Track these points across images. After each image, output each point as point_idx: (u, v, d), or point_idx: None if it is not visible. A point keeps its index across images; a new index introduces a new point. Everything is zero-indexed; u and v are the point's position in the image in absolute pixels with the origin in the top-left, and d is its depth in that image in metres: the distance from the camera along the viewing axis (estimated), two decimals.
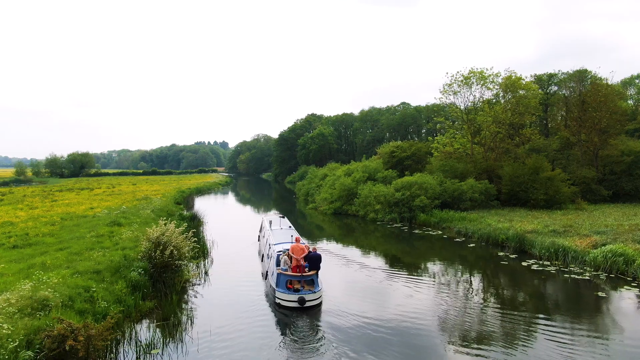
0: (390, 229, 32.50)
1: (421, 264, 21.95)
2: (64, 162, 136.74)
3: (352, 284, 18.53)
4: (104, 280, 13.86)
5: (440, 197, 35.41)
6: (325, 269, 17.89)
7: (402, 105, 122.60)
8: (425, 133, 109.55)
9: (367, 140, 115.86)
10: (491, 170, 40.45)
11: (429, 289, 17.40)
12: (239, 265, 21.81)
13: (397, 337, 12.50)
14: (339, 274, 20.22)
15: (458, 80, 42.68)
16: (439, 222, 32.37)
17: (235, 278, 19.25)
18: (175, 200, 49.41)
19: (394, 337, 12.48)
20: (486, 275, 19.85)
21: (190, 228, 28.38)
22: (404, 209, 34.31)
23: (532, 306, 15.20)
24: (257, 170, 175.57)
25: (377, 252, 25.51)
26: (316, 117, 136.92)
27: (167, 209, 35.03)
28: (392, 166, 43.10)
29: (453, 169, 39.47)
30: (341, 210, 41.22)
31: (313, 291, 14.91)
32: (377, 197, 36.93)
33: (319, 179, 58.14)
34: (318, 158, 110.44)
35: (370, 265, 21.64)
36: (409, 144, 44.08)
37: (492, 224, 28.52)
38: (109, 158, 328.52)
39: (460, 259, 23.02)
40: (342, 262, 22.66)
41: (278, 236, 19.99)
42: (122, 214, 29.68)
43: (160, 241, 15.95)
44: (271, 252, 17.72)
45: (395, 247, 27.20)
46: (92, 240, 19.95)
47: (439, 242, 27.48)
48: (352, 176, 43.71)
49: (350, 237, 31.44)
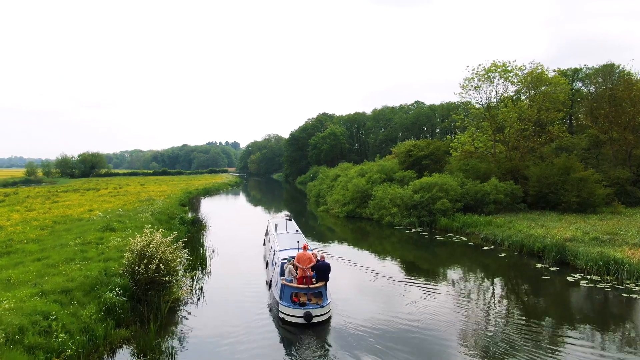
0: (408, 234, 29.81)
1: (446, 276, 19.29)
2: (74, 162, 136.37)
3: (366, 296, 16.37)
4: (72, 303, 11.52)
5: (461, 200, 32.62)
6: (336, 277, 16.01)
7: (415, 104, 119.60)
8: (439, 132, 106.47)
9: (379, 140, 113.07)
10: (516, 171, 37.47)
11: (456, 306, 14.84)
12: (240, 273, 19.54)
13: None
14: (351, 284, 18.01)
15: (479, 74, 39.78)
16: (462, 227, 29.59)
17: (235, 290, 17.00)
18: (180, 202, 47.26)
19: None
20: (525, 291, 17.08)
21: (191, 233, 26.29)
22: (423, 213, 31.58)
23: (590, 334, 12.49)
24: (268, 171, 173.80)
25: (394, 260, 22.95)
26: (327, 116, 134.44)
27: (168, 212, 32.81)
28: (409, 166, 40.37)
29: (475, 169, 36.61)
30: (354, 213, 38.61)
31: (321, 305, 13.32)
32: (393, 200, 34.26)
33: (330, 180, 55.58)
34: (329, 158, 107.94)
35: (387, 275, 19.33)
36: (426, 143, 41.29)
37: (522, 229, 25.69)
38: (122, 158, 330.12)
39: (491, 271, 20.28)
40: (355, 270, 20.36)
41: (283, 241, 18.22)
42: (118, 217, 27.50)
43: (145, 253, 13.57)
44: (276, 259, 16.11)
45: (414, 255, 24.54)
46: (74, 250, 17.69)
47: (464, 250, 24.73)
48: (366, 177, 41.06)
49: (364, 243, 28.86)
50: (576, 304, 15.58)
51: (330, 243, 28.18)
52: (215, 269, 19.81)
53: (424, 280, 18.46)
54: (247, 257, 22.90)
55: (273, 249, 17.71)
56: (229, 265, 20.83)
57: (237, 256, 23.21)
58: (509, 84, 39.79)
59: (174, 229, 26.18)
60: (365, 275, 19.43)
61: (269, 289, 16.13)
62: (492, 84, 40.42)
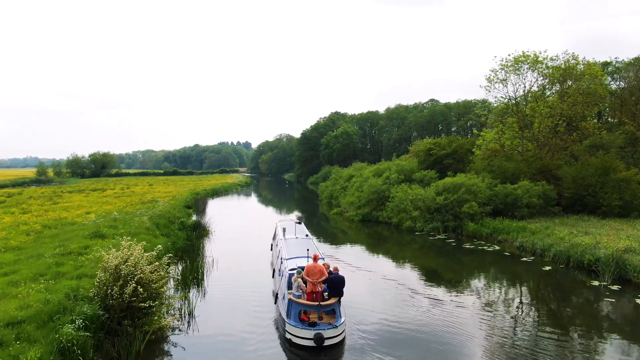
0: (431, 240, 26.83)
1: (481, 292, 16.33)
2: (85, 162, 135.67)
3: (385, 311, 14.16)
4: (18, 340, 8.93)
5: (490, 203, 29.55)
6: (351, 290, 13.97)
7: (430, 102, 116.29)
8: (455, 131, 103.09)
9: (393, 139, 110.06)
10: (547, 171, 34.21)
11: (502, 331, 12.04)
12: (244, 287, 17.03)
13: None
14: (367, 297, 15.65)
15: (506, 65, 36.57)
16: (492, 233, 26.55)
17: (235, 308, 14.56)
18: (185, 204, 44.86)
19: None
20: (585, 317, 14.04)
21: (190, 240, 23.74)
22: (448, 217, 28.57)
23: None
24: (279, 171, 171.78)
25: (416, 270, 20.17)
26: (340, 115, 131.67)
27: (169, 215, 30.26)
28: (429, 166, 37.35)
29: (502, 170, 33.44)
30: (370, 216, 35.70)
31: (334, 325, 11.60)
32: (414, 202, 31.31)
33: (344, 180, 52.72)
34: (342, 158, 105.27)
35: (410, 286, 16.92)
36: (448, 140, 38.22)
37: (564, 237, 22.59)
38: (134, 158, 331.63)
39: (537, 289, 17.29)
40: (372, 281, 17.91)
41: (292, 248, 16.34)
42: (112, 222, 25.07)
43: (120, 273, 10.96)
44: (283, 268, 14.41)
45: (440, 265, 21.56)
46: (49, 262, 15.17)
47: (499, 261, 21.69)
48: (383, 177, 38.12)
49: (381, 249, 25.98)
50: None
51: (343, 249, 25.43)
52: (213, 284, 17.12)
53: (455, 295, 15.69)
54: (252, 267, 20.27)
55: (280, 257, 15.94)
56: (230, 278, 18.16)
57: (241, 266, 20.55)
58: (539, 76, 36.46)
59: (172, 235, 23.64)
60: (384, 286, 17.07)
61: (275, 301, 14.22)
62: (520, 76, 37.24)
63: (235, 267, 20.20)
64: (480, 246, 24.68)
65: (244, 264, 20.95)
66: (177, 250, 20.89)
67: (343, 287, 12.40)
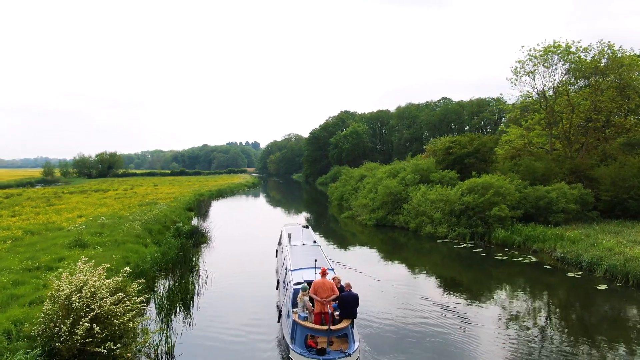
0: (457, 249, 23.83)
1: (527, 319, 13.42)
2: (92, 162, 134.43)
3: (404, 333, 12.16)
4: None
5: (519, 207, 26.54)
6: (366, 306, 12.43)
7: (442, 100, 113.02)
8: (468, 130, 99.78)
9: (404, 139, 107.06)
10: (579, 171, 31.10)
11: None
12: (241, 307, 14.42)
13: None
14: (384, 317, 13.25)
15: (536, 55, 33.48)
16: (525, 241, 23.55)
17: (230, 335, 11.99)
18: (187, 206, 42.37)
19: None
20: None
21: (184, 250, 21.09)
22: (475, 221, 25.58)
23: None
24: (287, 171, 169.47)
25: (442, 286, 17.42)
26: (349, 114, 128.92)
27: (165, 219, 27.65)
28: (449, 165, 34.35)
29: (530, 170, 30.38)
30: (385, 220, 32.78)
31: (346, 353, 9.83)
32: (435, 203, 28.34)
33: (355, 181, 49.84)
34: (351, 158, 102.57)
35: (434, 303, 14.52)
36: (469, 138, 35.17)
37: (612, 247, 19.57)
38: (143, 158, 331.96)
39: (598, 317, 14.26)
40: (390, 297, 15.44)
41: (298, 256, 14.62)
42: (100, 227, 22.54)
43: (72, 305, 8.30)
44: (287, 281, 12.73)
45: (470, 279, 18.57)
46: (4, 282, 12.58)
47: (540, 276, 18.61)
48: (398, 177, 35.18)
49: (398, 258, 23.04)
50: None
51: (355, 258, 22.68)
52: (205, 306, 14.32)
53: (496, 323, 12.80)
54: (253, 281, 17.58)
55: (285, 267, 14.24)
56: (226, 298, 15.42)
57: (240, 281, 17.81)
58: (570, 68, 33.27)
59: (164, 243, 20.99)
60: (403, 305, 14.40)
61: (279, 319, 12.39)
62: (549, 68, 34.13)
63: (234, 282, 17.47)
64: (514, 257, 21.65)
65: (244, 278, 18.22)
66: (167, 262, 18.21)
67: (357, 307, 10.65)
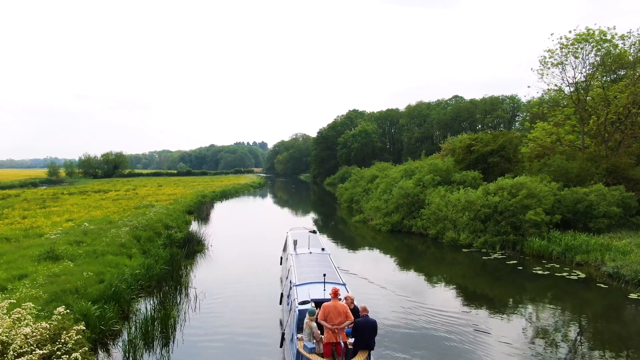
0: (485, 260, 20.90)
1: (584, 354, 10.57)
2: (97, 162, 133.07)
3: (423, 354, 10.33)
4: None
5: (554, 211, 23.57)
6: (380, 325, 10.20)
7: (454, 98, 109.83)
8: (480, 129, 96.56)
9: (415, 138, 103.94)
10: (618, 172, 28.04)
11: None
12: (236, 327, 12.02)
13: None
14: (400, 334, 11.33)
15: (566, 44, 30.41)
16: (565, 252, 20.58)
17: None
18: (187, 208, 39.86)
19: None
20: None
21: (175, 261, 18.46)
22: (505, 227, 22.63)
23: None
24: (295, 171, 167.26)
25: (469, 304, 14.45)
26: (358, 113, 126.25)
27: (159, 224, 25.03)
28: (470, 165, 31.42)
29: (563, 170, 27.38)
30: (401, 225, 29.90)
31: None
32: (457, 206, 25.44)
33: (366, 182, 46.99)
34: (360, 158, 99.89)
35: (461, 322, 12.05)
36: (492, 135, 32.17)
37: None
38: (150, 159, 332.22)
39: None
40: (405, 313, 13.02)
41: (304, 268, 12.72)
42: (83, 234, 20.00)
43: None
44: (292, 298, 10.93)
45: (506, 298, 15.60)
46: None
47: (594, 297, 15.64)
48: (414, 178, 32.29)
49: (415, 268, 20.21)
50: None
51: (367, 267, 19.84)
52: (192, 337, 11.64)
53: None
54: (254, 294, 15.00)
55: (289, 279, 12.54)
56: (218, 321, 12.74)
57: (239, 293, 15.14)
58: (603, 57, 30.17)
59: (152, 255, 18.32)
60: (424, 329, 11.81)
61: (282, 343, 10.61)
62: (578, 58, 31.04)
63: (230, 298, 14.73)
64: (556, 271, 18.71)
65: (242, 292, 15.49)
66: (151, 278, 15.52)
67: (374, 336, 8.92)
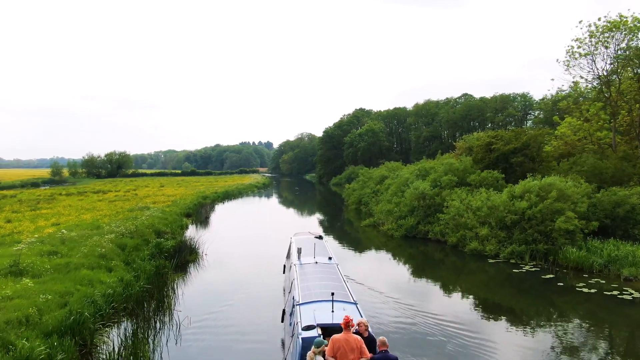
0: (516, 273, 18.39)
1: None
2: (101, 162, 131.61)
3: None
4: None
5: (590, 216, 20.99)
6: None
7: (463, 96, 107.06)
8: (490, 128, 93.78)
9: (423, 137, 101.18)
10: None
11: None
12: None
13: None
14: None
15: (597, 32, 27.78)
16: (607, 263, 18.01)
17: None
18: (186, 210, 37.62)
19: None
20: None
21: (160, 277, 16.10)
22: (534, 235, 20.10)
23: None
24: (300, 171, 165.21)
25: (508, 329, 11.87)
26: (364, 112, 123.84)
27: (150, 230, 22.64)
28: (490, 165, 28.88)
29: (596, 170, 24.79)
30: (416, 231, 27.41)
31: None
32: (478, 213, 22.93)
33: (374, 183, 44.50)
34: (367, 157, 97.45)
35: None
36: (514, 133, 29.62)
37: None
38: (156, 158, 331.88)
39: None
40: (425, 340, 9.86)
41: (309, 282, 10.93)
42: (60, 243, 17.74)
43: None
44: (294, 320, 8.93)
45: (559, 333, 13.04)
46: None
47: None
48: (429, 179, 29.77)
49: (432, 278, 17.73)
50: None
51: (378, 277, 17.37)
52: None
53: None
54: (252, 314, 12.55)
55: (292, 295, 10.75)
56: (206, 356, 10.38)
57: (234, 315, 12.76)
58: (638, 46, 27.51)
59: (136, 268, 15.96)
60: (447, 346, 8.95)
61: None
62: (609, 48, 28.41)
63: (219, 333, 12.21)
64: (603, 287, 16.12)
65: (236, 323, 13.01)
66: (128, 299, 13.14)
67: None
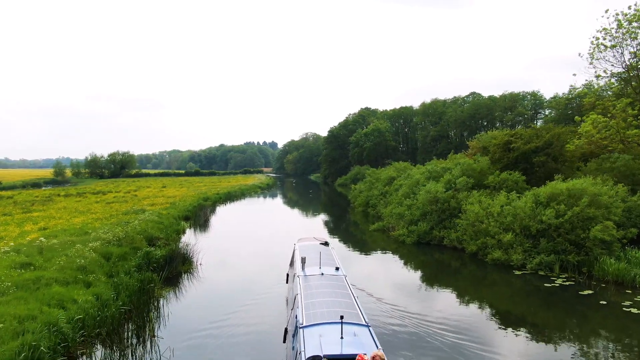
0: (547, 288, 16.37)
1: None
2: (103, 162, 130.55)
3: None
4: None
5: (626, 223, 18.92)
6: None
7: (471, 95, 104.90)
8: (499, 127, 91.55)
9: (430, 137, 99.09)
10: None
11: None
12: None
13: None
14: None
15: (625, 22, 25.63)
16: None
17: None
18: (185, 213, 35.80)
19: None
20: None
21: (145, 294, 14.18)
22: (565, 244, 18.07)
23: None
24: (305, 171, 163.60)
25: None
26: (370, 111, 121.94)
27: (138, 237, 20.66)
28: (509, 165, 26.84)
29: (628, 171, 22.69)
30: (430, 237, 25.40)
31: None
32: (499, 219, 20.90)
33: (382, 184, 42.49)
34: (373, 157, 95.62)
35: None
36: (535, 131, 27.55)
37: None
38: (161, 158, 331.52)
39: None
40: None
41: (314, 299, 9.21)
42: (38, 252, 15.92)
43: None
44: (298, 346, 7.43)
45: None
46: None
47: None
48: (443, 180, 27.76)
49: (449, 291, 15.74)
50: None
51: (389, 288, 15.40)
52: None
53: None
54: (250, 338, 10.62)
55: (295, 314, 9.18)
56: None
57: (229, 340, 10.89)
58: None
59: (117, 283, 14.05)
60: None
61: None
62: (636, 39, 26.27)
63: (215, 349, 10.43)
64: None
65: (233, 336, 11.18)
66: (102, 323, 11.19)
67: None
